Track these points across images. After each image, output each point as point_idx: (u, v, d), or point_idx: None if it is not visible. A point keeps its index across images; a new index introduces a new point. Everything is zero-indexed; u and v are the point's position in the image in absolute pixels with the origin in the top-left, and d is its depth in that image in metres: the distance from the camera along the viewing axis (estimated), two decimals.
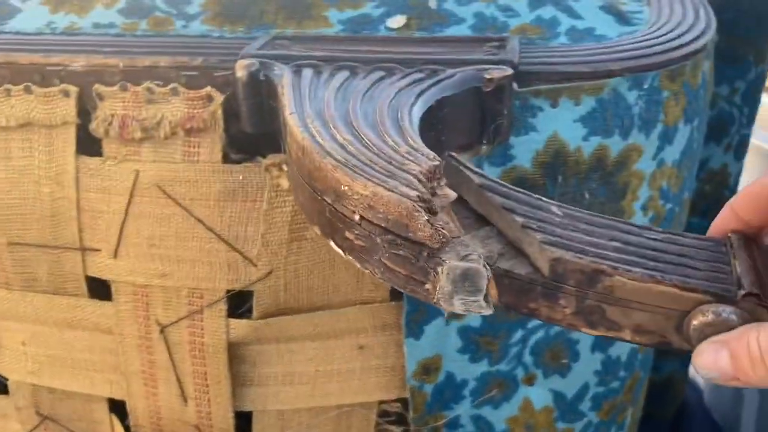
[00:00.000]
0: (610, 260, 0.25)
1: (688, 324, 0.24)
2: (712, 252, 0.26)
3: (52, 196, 0.42)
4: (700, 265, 0.25)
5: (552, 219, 0.27)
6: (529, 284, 0.25)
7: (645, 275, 0.24)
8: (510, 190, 0.28)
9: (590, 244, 0.25)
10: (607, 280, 0.24)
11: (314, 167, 0.27)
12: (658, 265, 0.25)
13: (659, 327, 0.25)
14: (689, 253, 0.26)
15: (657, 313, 0.25)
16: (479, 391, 0.44)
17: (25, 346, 0.47)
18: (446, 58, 0.35)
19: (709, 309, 0.24)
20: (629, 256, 0.25)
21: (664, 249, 0.26)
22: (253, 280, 0.41)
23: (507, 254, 0.26)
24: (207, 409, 0.45)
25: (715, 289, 0.24)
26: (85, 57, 0.40)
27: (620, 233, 0.26)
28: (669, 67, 0.37)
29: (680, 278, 0.24)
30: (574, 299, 0.25)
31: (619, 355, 0.46)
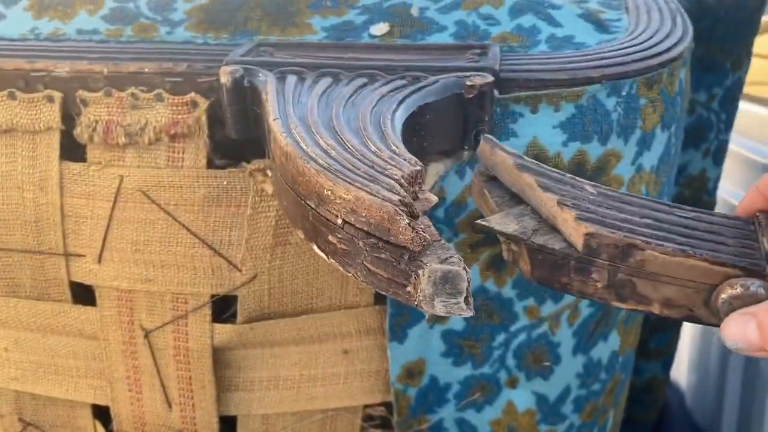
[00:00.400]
0: (643, 235, 0.25)
1: (717, 297, 0.25)
2: (741, 230, 0.27)
3: (35, 201, 0.42)
4: (729, 242, 0.26)
5: (586, 197, 0.27)
6: (563, 259, 0.26)
7: (676, 249, 0.25)
8: (545, 170, 0.29)
9: (623, 220, 0.26)
10: (639, 254, 0.25)
11: (298, 172, 0.27)
12: (689, 241, 0.26)
13: (688, 301, 0.26)
14: (718, 230, 0.27)
15: (687, 287, 0.26)
16: (463, 395, 0.45)
17: (8, 352, 0.47)
18: (428, 66, 0.36)
19: (738, 282, 0.25)
20: (661, 232, 0.26)
21: (694, 226, 0.27)
22: (237, 285, 0.41)
23: (541, 230, 0.27)
24: (191, 414, 0.45)
25: (744, 263, 0.25)
26: (69, 63, 0.40)
27: (651, 211, 0.27)
28: (646, 75, 0.38)
29: (710, 253, 0.25)
30: (606, 273, 0.26)
31: (600, 358, 0.46)
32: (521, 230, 0.27)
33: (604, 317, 0.44)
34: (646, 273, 0.26)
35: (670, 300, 0.26)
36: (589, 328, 0.44)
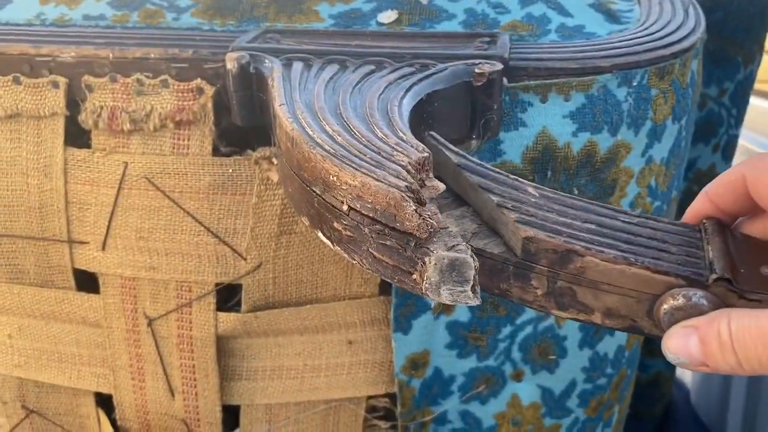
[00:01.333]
0: (583, 241, 0.25)
1: (659, 308, 0.24)
2: (686, 237, 0.26)
3: (39, 187, 0.42)
4: (674, 249, 0.25)
5: (528, 199, 0.27)
6: (502, 264, 0.25)
7: (618, 257, 0.24)
8: (487, 170, 0.28)
9: (564, 224, 0.25)
10: (579, 260, 0.24)
11: (303, 158, 0.27)
12: (632, 248, 0.25)
13: (630, 311, 0.25)
14: (663, 237, 0.26)
15: (628, 296, 0.25)
16: (467, 387, 0.44)
17: (11, 339, 0.47)
18: (436, 53, 0.35)
19: (680, 293, 0.24)
20: (603, 238, 0.25)
21: (638, 232, 0.26)
22: (242, 274, 0.41)
23: (480, 233, 0.26)
24: (194, 402, 0.45)
25: (686, 272, 0.24)
26: (74, 48, 0.39)
27: (595, 216, 0.26)
28: (658, 65, 0.37)
29: (652, 261, 0.24)
30: (546, 280, 0.25)
31: (607, 352, 0.46)
32: (460, 233, 0.26)
33: None
34: (587, 281, 0.25)
35: (612, 310, 0.25)
36: None
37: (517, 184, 0.27)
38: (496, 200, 0.26)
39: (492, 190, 0.27)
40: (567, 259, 0.24)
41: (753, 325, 0.23)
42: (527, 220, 0.25)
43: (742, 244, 0.26)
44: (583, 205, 0.27)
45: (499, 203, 0.26)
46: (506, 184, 0.27)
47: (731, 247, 0.26)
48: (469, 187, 0.27)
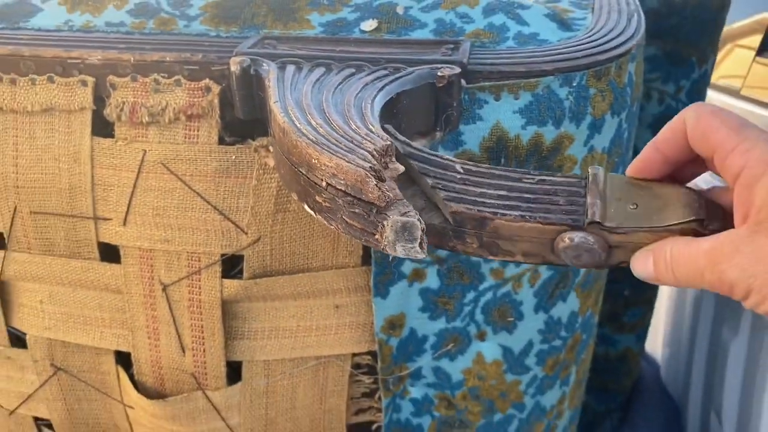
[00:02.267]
0: (493, 207, 0.32)
1: (557, 247, 0.32)
2: (573, 188, 0.33)
3: (69, 171, 0.48)
4: (562, 201, 0.32)
5: (454, 177, 0.34)
6: (443, 230, 0.33)
7: (517, 216, 0.32)
8: (426, 155, 0.35)
9: (480, 195, 0.33)
10: (491, 224, 0.32)
11: (292, 145, 0.33)
12: (530, 206, 0.32)
13: (539, 251, 0.32)
14: (555, 191, 0.33)
15: (534, 242, 0.32)
16: (438, 345, 0.51)
17: (42, 305, 0.54)
18: (407, 58, 0.42)
19: (566, 236, 0.31)
20: (508, 201, 0.32)
21: (536, 190, 0.33)
22: (243, 246, 0.48)
23: (426, 208, 0.34)
24: (202, 359, 0.52)
25: (568, 220, 0.31)
26: (101, 52, 0.46)
27: (505, 181, 0.34)
28: (595, 68, 0.44)
29: (543, 216, 0.32)
30: (476, 238, 0.33)
31: (560, 317, 0.53)
32: None
33: (562, 280, 0.51)
34: (502, 235, 0.32)
35: (527, 252, 0.33)
36: (548, 289, 0.50)
37: (448, 163, 0.34)
38: (431, 182, 0.33)
39: (428, 173, 0.34)
40: (483, 223, 0.32)
41: (684, 250, 0.30)
42: (453, 197, 0.32)
43: (617, 186, 0.33)
44: (496, 173, 0.34)
45: (433, 185, 0.33)
46: (439, 165, 0.34)
47: (607, 191, 0.33)
48: (415, 172, 0.35)
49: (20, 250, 0.52)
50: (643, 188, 0.33)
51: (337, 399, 0.53)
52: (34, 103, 0.47)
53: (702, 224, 0.30)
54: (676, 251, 0.30)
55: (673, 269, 0.30)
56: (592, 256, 0.31)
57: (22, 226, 0.51)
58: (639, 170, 0.35)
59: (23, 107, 0.48)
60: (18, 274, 0.53)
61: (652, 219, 0.31)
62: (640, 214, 0.31)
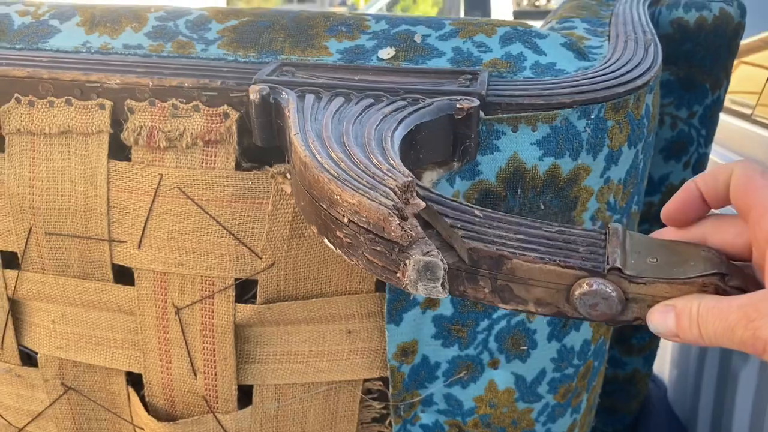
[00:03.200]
0: (512, 248, 0.32)
1: (573, 294, 0.31)
2: (593, 239, 0.33)
3: (85, 193, 0.49)
4: (581, 249, 0.32)
5: (473, 219, 0.34)
6: (456, 271, 0.32)
7: (536, 257, 0.31)
8: (443, 199, 0.35)
9: (498, 237, 0.32)
10: (508, 263, 0.32)
11: (314, 179, 0.33)
12: (549, 250, 0.32)
13: (554, 299, 0.32)
14: (575, 241, 0.33)
15: (549, 288, 0.32)
16: (450, 372, 0.51)
17: (54, 324, 0.54)
18: (425, 89, 0.42)
19: (585, 281, 0.31)
20: (527, 244, 0.32)
21: (556, 238, 0.33)
22: (258, 271, 0.48)
23: (441, 249, 0.33)
24: (214, 382, 0.51)
25: (588, 266, 0.31)
26: (119, 76, 0.46)
27: (524, 228, 0.33)
28: (613, 101, 0.44)
29: (562, 259, 0.31)
30: (489, 280, 0.32)
31: (573, 345, 0.52)
32: None
33: None
34: (518, 278, 0.32)
35: (540, 299, 0.32)
36: (562, 318, 0.50)
37: (466, 208, 0.34)
38: (450, 222, 0.33)
39: (447, 214, 0.34)
40: (500, 262, 0.32)
41: (714, 307, 0.30)
42: (471, 236, 0.32)
43: (637, 242, 0.33)
44: (515, 220, 0.34)
45: (452, 224, 0.33)
46: (458, 209, 0.34)
47: (627, 244, 0.32)
48: (432, 214, 0.34)
49: (34, 270, 0.52)
50: (663, 245, 0.33)
51: (347, 424, 0.53)
52: (52, 125, 0.48)
53: (723, 279, 0.30)
54: (704, 307, 0.30)
55: (700, 325, 0.30)
56: (608, 306, 0.31)
57: (37, 246, 0.51)
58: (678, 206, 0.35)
59: (41, 129, 0.48)
60: (31, 294, 0.53)
61: (673, 271, 0.31)
62: (660, 266, 0.31)
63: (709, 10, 0.64)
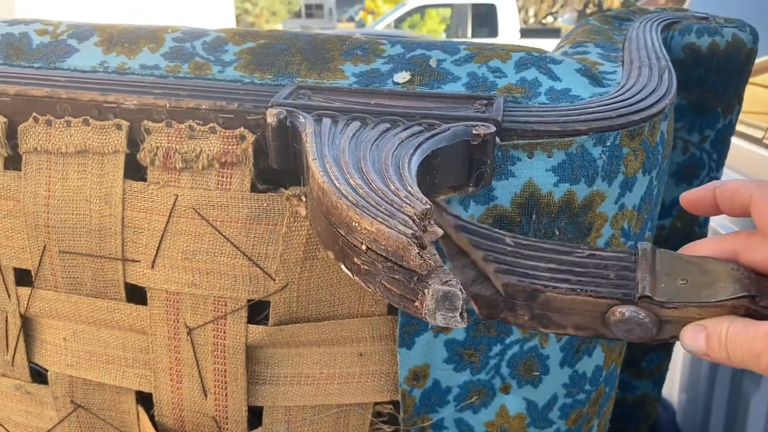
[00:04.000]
0: (544, 280, 0.33)
1: (608, 321, 0.32)
2: (623, 263, 0.34)
3: (100, 213, 0.49)
4: (612, 275, 0.33)
5: (505, 249, 0.34)
6: (495, 301, 0.33)
7: (568, 289, 0.32)
8: (476, 228, 0.36)
9: (531, 267, 0.33)
10: (542, 296, 0.33)
11: (331, 205, 0.34)
12: (580, 279, 0.33)
13: (591, 324, 0.33)
14: (605, 265, 0.34)
15: (585, 315, 0.33)
16: (461, 397, 0.51)
17: (66, 342, 0.54)
18: (441, 114, 0.42)
19: (618, 309, 0.32)
20: (559, 275, 0.33)
21: (587, 264, 0.34)
22: (270, 292, 0.48)
23: (478, 280, 0.34)
24: (224, 403, 0.51)
25: (619, 294, 0.32)
26: (137, 97, 0.47)
27: (555, 255, 0.34)
28: (629, 128, 0.44)
29: (593, 289, 0.32)
30: (527, 310, 0.33)
31: (585, 371, 0.52)
32: (463, 281, 0.35)
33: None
34: (553, 308, 0.33)
35: (579, 325, 0.33)
36: (575, 344, 0.50)
37: (497, 236, 0.35)
38: (482, 255, 0.34)
39: (479, 245, 0.34)
40: (534, 296, 0.32)
41: (742, 331, 0.31)
42: (504, 269, 0.33)
43: (667, 262, 0.34)
44: (546, 247, 0.35)
45: (484, 257, 0.34)
46: (489, 237, 0.35)
47: (657, 265, 0.33)
48: (466, 244, 0.35)
49: (47, 288, 0.52)
50: (692, 263, 0.33)
51: None
52: (69, 144, 0.48)
53: (753, 300, 0.31)
54: (732, 331, 0.30)
55: (728, 348, 0.30)
56: (643, 330, 0.32)
57: (51, 264, 0.51)
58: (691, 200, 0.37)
59: (57, 148, 0.48)
60: (43, 311, 0.53)
61: (702, 294, 0.31)
62: (690, 289, 0.32)
63: (722, 36, 0.65)
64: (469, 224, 0.36)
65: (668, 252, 0.34)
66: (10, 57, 0.53)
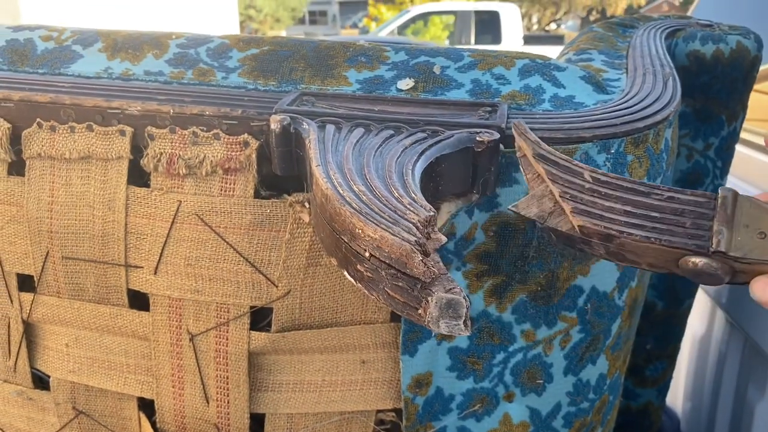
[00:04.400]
0: (619, 224, 0.33)
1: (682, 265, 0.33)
2: (702, 210, 0.34)
3: (103, 218, 0.49)
4: (688, 223, 0.33)
5: (582, 186, 0.35)
6: (571, 237, 0.34)
7: (642, 237, 0.33)
8: (555, 158, 0.36)
9: (607, 209, 0.34)
10: (616, 241, 0.33)
11: (335, 212, 0.33)
12: (656, 226, 0.33)
13: (665, 264, 0.33)
14: (682, 212, 0.34)
15: (659, 258, 0.33)
16: (465, 405, 0.51)
17: (68, 348, 0.54)
18: (445, 120, 0.42)
19: (690, 260, 0.32)
20: (635, 219, 0.33)
21: (664, 208, 0.34)
22: (273, 299, 0.47)
23: (555, 212, 0.35)
24: (226, 410, 0.51)
25: (692, 245, 0.32)
26: (141, 103, 0.47)
27: (633, 196, 0.34)
28: (633, 135, 0.44)
29: (668, 238, 0.32)
30: (603, 247, 0.34)
31: (589, 380, 0.52)
32: (539, 214, 0.35)
33: (593, 343, 0.50)
34: (627, 250, 0.33)
35: (652, 263, 0.34)
36: (579, 352, 0.50)
37: (576, 170, 0.35)
38: (559, 191, 0.34)
39: (556, 179, 0.35)
40: (609, 239, 0.33)
41: None
42: (580, 209, 0.34)
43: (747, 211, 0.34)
44: (625, 186, 0.35)
45: (561, 194, 0.34)
46: (568, 171, 0.35)
47: (736, 216, 0.33)
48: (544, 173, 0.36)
49: (50, 294, 0.52)
50: None
51: None
52: (72, 150, 0.48)
53: None
54: None
55: None
56: (714, 279, 0.32)
57: (53, 270, 0.51)
58: None
59: (61, 154, 0.48)
60: (46, 317, 0.53)
61: None
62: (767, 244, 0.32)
63: (726, 43, 0.64)
64: (548, 153, 0.36)
65: (750, 199, 0.34)
66: (15, 63, 0.53)
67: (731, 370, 0.80)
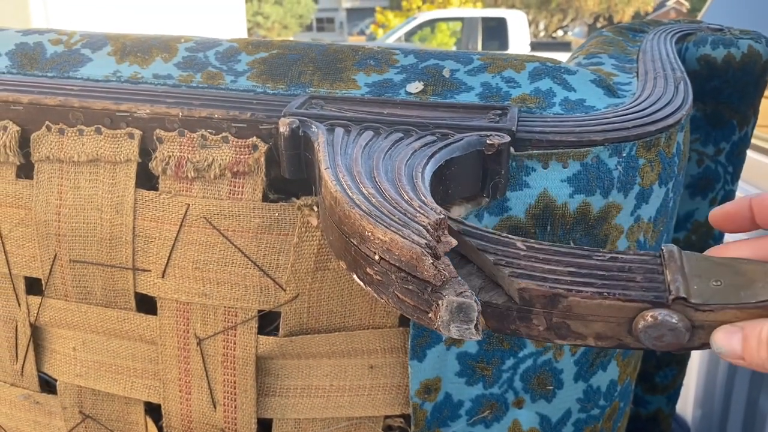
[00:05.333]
0: (566, 284, 0.30)
1: (636, 327, 0.30)
2: (649, 265, 0.32)
3: (111, 222, 0.49)
4: (639, 278, 0.31)
5: (517, 254, 0.32)
6: (507, 311, 0.31)
7: (594, 293, 0.30)
8: (482, 232, 0.34)
9: (549, 272, 0.31)
10: (564, 301, 0.30)
11: (344, 215, 0.33)
12: (605, 283, 0.30)
13: (615, 332, 0.30)
14: (630, 268, 0.31)
15: (610, 322, 0.30)
16: (474, 411, 0.50)
17: (75, 352, 0.54)
18: (455, 123, 0.42)
19: (649, 314, 0.30)
20: (581, 278, 0.31)
21: (610, 267, 0.31)
22: (281, 303, 0.47)
23: (486, 287, 0.32)
24: (233, 415, 0.51)
25: (650, 297, 0.30)
26: (149, 106, 0.46)
27: (574, 258, 0.32)
28: (645, 139, 0.43)
29: (622, 292, 0.30)
30: (544, 318, 0.31)
31: (599, 386, 0.51)
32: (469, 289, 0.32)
33: (603, 348, 0.49)
34: (575, 315, 0.30)
35: (600, 334, 0.31)
36: (589, 358, 0.49)
37: (507, 241, 0.33)
38: (493, 259, 0.32)
39: (488, 250, 0.33)
40: (555, 301, 0.30)
41: None
42: (519, 273, 0.31)
43: (695, 263, 0.32)
44: (563, 251, 0.32)
45: (495, 261, 0.32)
46: (499, 242, 0.33)
47: (686, 268, 0.31)
48: (471, 249, 0.33)
49: (57, 297, 0.52)
50: (723, 265, 0.31)
51: None
52: (81, 153, 0.48)
53: None
54: None
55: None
56: (675, 336, 0.29)
57: (61, 273, 0.51)
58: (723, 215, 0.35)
59: (69, 157, 0.48)
60: (53, 321, 0.53)
61: (740, 295, 0.29)
62: (726, 290, 0.30)
63: (737, 48, 0.64)
64: (474, 229, 0.34)
65: (695, 254, 0.32)
66: (24, 66, 0.53)
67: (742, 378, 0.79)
